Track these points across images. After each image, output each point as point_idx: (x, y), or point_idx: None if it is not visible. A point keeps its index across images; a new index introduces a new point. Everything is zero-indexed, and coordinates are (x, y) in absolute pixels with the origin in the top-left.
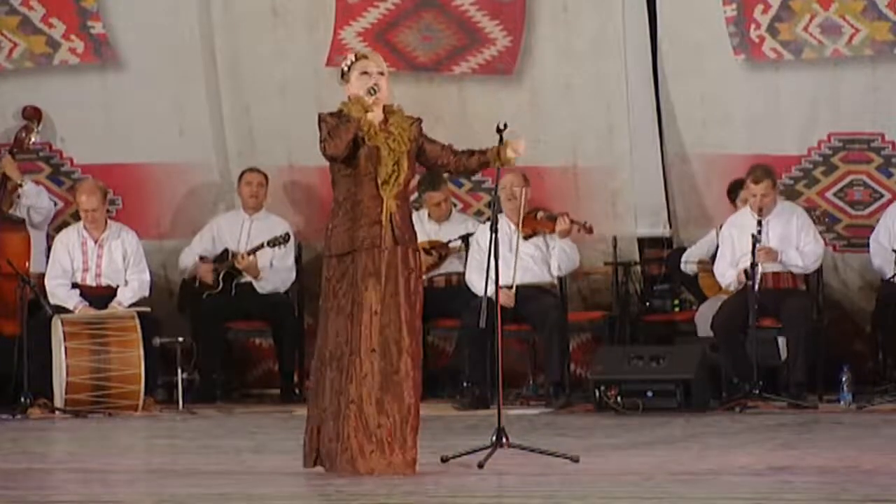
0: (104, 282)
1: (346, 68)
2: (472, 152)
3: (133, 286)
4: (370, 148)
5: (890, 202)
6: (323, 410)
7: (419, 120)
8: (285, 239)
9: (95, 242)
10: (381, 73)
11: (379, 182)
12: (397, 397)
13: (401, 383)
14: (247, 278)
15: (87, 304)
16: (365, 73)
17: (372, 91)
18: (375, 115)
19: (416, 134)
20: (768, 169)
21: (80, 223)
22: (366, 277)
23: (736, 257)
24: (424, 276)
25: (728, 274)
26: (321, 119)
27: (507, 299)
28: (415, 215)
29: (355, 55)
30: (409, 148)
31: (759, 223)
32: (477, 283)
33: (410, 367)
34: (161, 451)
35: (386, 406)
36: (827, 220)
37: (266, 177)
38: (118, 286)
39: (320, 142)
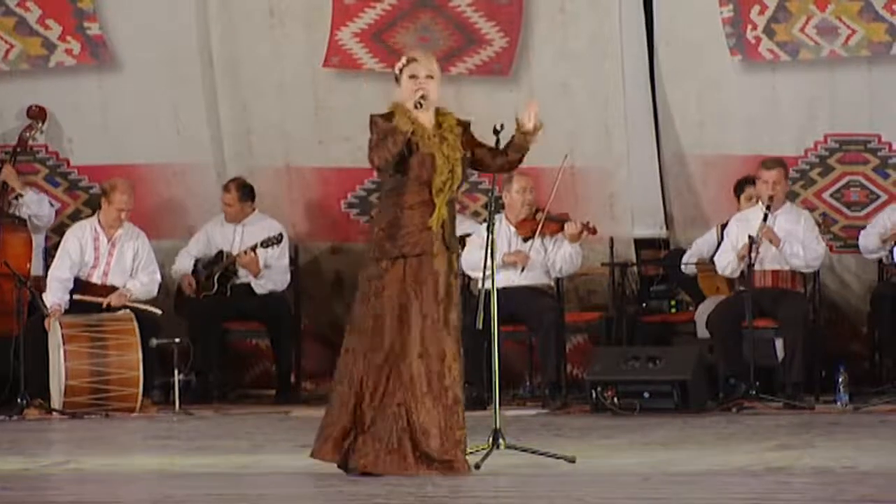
0: (109, 281)
1: (398, 70)
2: (507, 145)
3: (143, 279)
4: (424, 156)
5: (886, 203)
6: (351, 410)
7: (468, 123)
8: (278, 239)
9: (108, 240)
10: (430, 77)
11: (434, 190)
12: (443, 400)
13: (449, 387)
14: (242, 279)
15: (62, 309)
16: (413, 76)
17: (418, 105)
18: (426, 119)
19: (468, 138)
20: (781, 160)
21: (94, 218)
22: (416, 283)
23: (739, 248)
24: None
25: (729, 258)
26: (372, 122)
27: (524, 259)
28: None
29: (407, 57)
30: (463, 154)
31: (766, 216)
32: (473, 263)
33: (456, 371)
34: (158, 451)
35: (432, 410)
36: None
37: (242, 188)
38: (124, 286)
39: (368, 149)
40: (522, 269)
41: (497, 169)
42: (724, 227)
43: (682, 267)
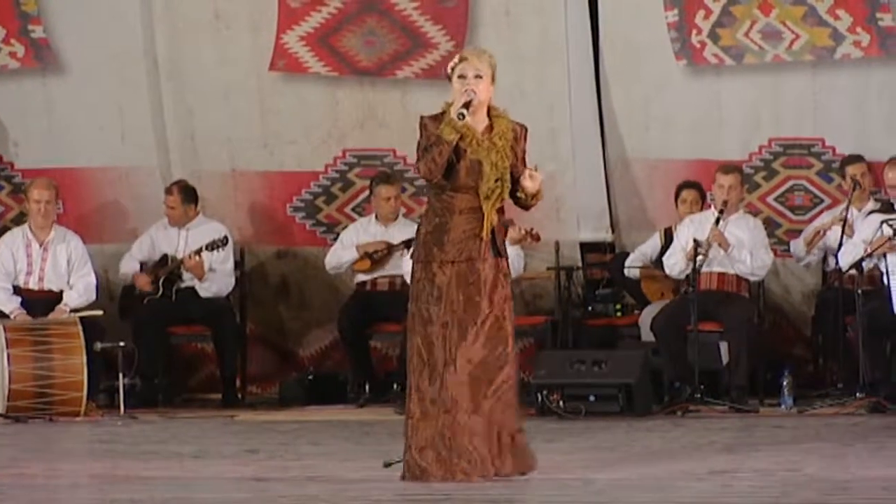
0: (46, 286)
1: (450, 70)
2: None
3: (79, 289)
4: (472, 162)
5: (829, 208)
6: (412, 416)
7: (524, 129)
8: (223, 242)
9: (41, 245)
10: (479, 77)
11: (481, 197)
12: (498, 406)
13: (501, 393)
14: (187, 283)
15: (24, 311)
16: (461, 76)
17: (461, 116)
18: (478, 120)
19: (519, 146)
20: (739, 166)
21: (26, 226)
22: (466, 289)
23: (688, 250)
24: (367, 278)
25: (678, 258)
26: (421, 124)
27: None
28: (362, 221)
29: (459, 56)
30: (513, 162)
31: (718, 221)
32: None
33: (510, 375)
34: (103, 456)
35: (484, 415)
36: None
37: (184, 190)
38: (61, 290)
39: (416, 153)
40: None
41: (515, 202)
42: (667, 231)
43: (626, 271)
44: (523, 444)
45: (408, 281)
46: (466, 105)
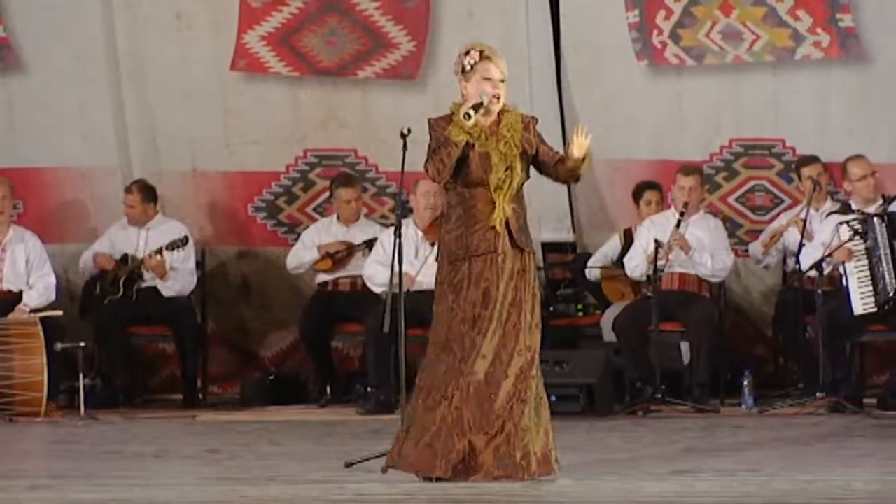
0: (6, 287)
1: (468, 66)
2: (561, 159)
3: (38, 289)
4: (481, 155)
5: (789, 208)
6: (425, 410)
7: (534, 119)
8: (184, 241)
9: None
10: (503, 80)
11: (491, 188)
12: (506, 401)
13: (511, 388)
14: (148, 283)
15: None
16: (487, 79)
17: (466, 116)
18: (488, 118)
19: (532, 136)
20: (699, 167)
21: None
22: (481, 283)
23: (649, 252)
24: (329, 279)
25: (639, 260)
26: (430, 126)
27: (410, 282)
28: (323, 221)
29: (480, 53)
30: (522, 150)
31: (679, 223)
32: (377, 276)
33: (527, 369)
34: (63, 456)
35: (489, 412)
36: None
37: (144, 189)
38: (20, 291)
39: (426, 155)
40: (408, 291)
41: (556, 177)
42: (626, 231)
43: (587, 272)
44: (542, 446)
45: (367, 284)
46: (475, 106)
